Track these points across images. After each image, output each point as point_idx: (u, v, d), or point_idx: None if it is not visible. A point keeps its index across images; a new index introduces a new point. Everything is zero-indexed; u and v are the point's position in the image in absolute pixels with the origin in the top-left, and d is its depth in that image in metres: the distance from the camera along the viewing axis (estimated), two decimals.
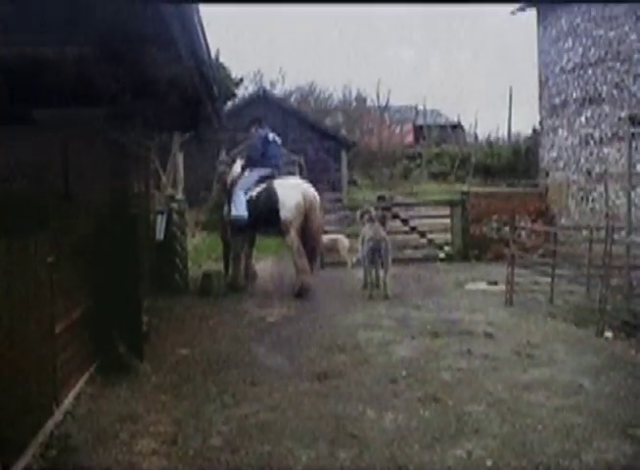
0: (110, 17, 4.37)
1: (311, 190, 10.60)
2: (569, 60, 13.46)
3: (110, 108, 6.61)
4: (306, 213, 10.33)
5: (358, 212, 11.15)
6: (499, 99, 79.08)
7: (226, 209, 10.92)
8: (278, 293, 10.23)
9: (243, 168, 10.97)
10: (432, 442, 4.46)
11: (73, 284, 5.50)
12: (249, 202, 10.39)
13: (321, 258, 12.86)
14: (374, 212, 10.74)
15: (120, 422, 4.89)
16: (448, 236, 14.19)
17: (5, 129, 6.61)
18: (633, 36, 11.40)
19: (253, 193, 10.43)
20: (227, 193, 10.98)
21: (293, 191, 10.32)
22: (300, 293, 9.96)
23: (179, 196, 11.72)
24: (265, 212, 10.22)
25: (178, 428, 4.78)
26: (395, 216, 14.37)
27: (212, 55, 6.34)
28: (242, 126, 13.49)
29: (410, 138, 43.42)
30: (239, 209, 10.46)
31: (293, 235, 10.22)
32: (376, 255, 9.57)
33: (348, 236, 12.94)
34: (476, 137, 40.90)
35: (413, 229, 14.23)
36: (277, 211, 10.15)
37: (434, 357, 6.46)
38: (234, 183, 10.87)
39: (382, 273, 9.75)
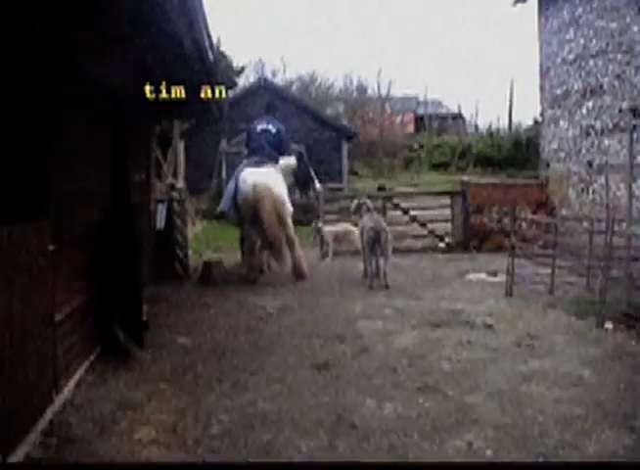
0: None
1: (264, 180, 9.86)
2: (570, 51, 13.40)
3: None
4: (255, 205, 9.78)
5: (353, 204, 11.03)
6: (500, 89, 79.08)
7: None
8: (279, 282, 10.23)
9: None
10: (431, 432, 4.46)
11: (74, 272, 5.50)
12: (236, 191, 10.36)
13: (321, 248, 12.86)
14: (370, 203, 10.66)
15: (120, 410, 4.89)
16: (449, 226, 14.19)
17: None
18: (635, 28, 11.35)
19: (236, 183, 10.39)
20: None
21: (246, 181, 10.00)
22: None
23: (180, 185, 11.71)
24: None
25: (178, 417, 4.78)
26: (396, 207, 14.36)
27: (214, 43, 6.30)
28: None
29: (411, 128, 43.37)
30: (224, 202, 10.47)
31: (245, 227, 10.22)
32: (376, 244, 9.56)
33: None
34: (476, 127, 40.77)
35: (413, 219, 14.22)
36: None
37: (435, 348, 6.46)
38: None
39: (382, 263, 9.74)
